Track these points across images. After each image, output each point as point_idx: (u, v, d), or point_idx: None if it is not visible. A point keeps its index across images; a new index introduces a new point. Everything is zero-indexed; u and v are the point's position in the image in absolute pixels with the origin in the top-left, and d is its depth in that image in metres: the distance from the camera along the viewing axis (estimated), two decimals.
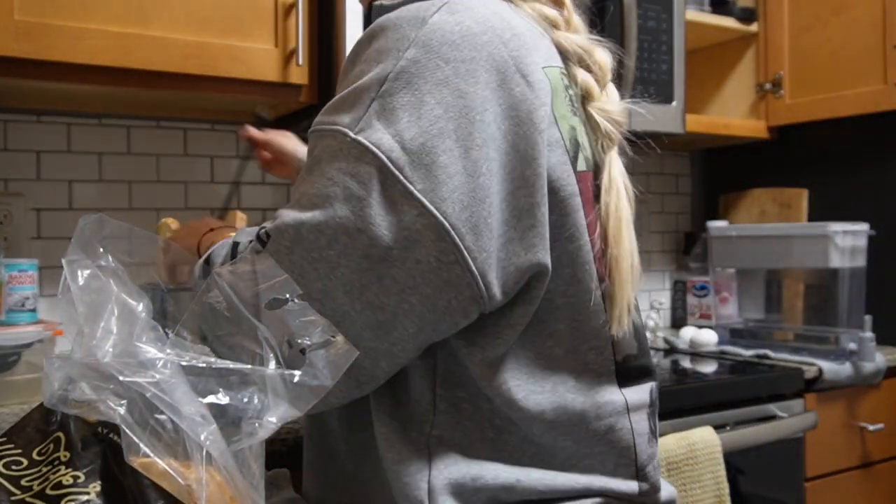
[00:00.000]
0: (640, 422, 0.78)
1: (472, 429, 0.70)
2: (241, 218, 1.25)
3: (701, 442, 1.34)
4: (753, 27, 2.13)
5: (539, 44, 0.72)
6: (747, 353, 1.78)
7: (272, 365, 0.61)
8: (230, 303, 0.68)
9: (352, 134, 0.64)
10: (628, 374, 0.78)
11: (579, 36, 0.78)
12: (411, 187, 0.63)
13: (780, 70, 2.08)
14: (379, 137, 0.63)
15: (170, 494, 0.52)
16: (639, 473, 0.76)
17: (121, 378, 0.54)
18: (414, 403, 0.70)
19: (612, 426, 0.74)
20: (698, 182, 2.44)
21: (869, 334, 1.71)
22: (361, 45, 0.69)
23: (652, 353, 0.85)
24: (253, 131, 1.29)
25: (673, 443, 1.31)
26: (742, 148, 2.26)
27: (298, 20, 1.35)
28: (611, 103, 0.78)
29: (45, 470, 0.57)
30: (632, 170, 0.79)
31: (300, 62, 1.35)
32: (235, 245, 0.74)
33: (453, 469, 0.69)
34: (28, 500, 0.55)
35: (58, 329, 1.24)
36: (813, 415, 1.56)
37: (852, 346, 1.73)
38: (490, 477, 0.69)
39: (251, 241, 0.69)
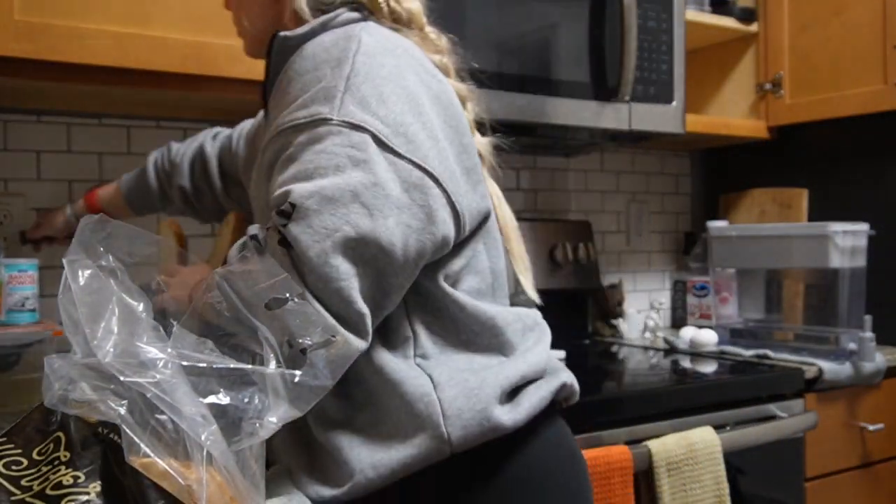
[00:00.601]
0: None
1: (448, 340, 0.84)
2: (240, 219, 1.25)
3: (701, 442, 1.34)
4: (753, 27, 2.13)
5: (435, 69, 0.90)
6: (747, 353, 1.78)
7: (272, 365, 0.61)
8: (231, 304, 0.69)
9: (336, 117, 0.75)
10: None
11: (462, 84, 0.96)
12: (400, 150, 0.76)
13: (780, 70, 2.08)
14: (362, 116, 0.76)
15: (170, 494, 0.52)
16: None
17: (121, 378, 0.54)
18: (394, 333, 0.83)
19: (539, 323, 0.95)
20: (698, 182, 2.44)
21: (869, 334, 1.70)
22: (304, 60, 0.81)
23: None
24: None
25: (673, 443, 1.31)
26: (742, 148, 2.26)
27: None
28: (479, 137, 0.97)
29: (45, 470, 0.57)
30: (632, 169, 0.89)
31: None
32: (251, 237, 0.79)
33: (447, 367, 0.82)
34: (28, 500, 0.55)
35: (58, 329, 1.24)
36: (813, 415, 1.56)
37: (852, 346, 1.73)
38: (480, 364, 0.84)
39: (268, 228, 0.74)
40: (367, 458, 0.79)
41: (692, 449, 1.33)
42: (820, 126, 2.05)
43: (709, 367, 1.68)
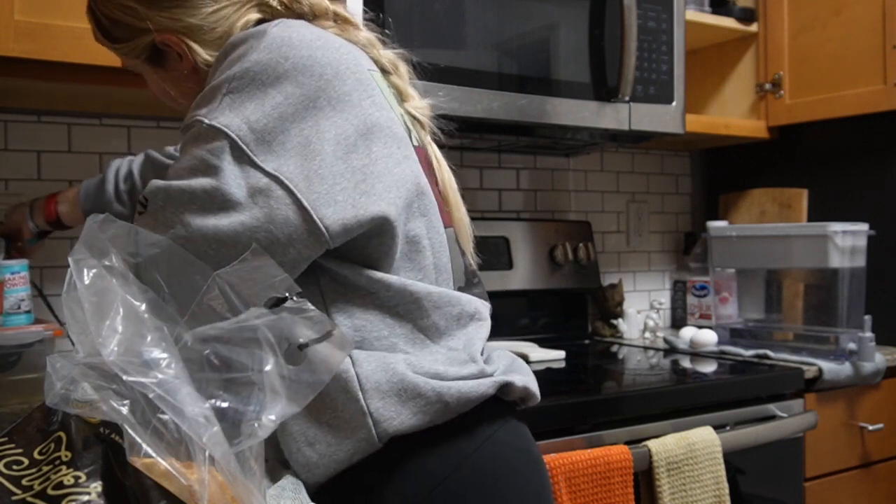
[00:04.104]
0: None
1: (370, 328, 0.84)
2: None
3: (701, 442, 1.34)
4: (753, 27, 2.13)
5: (360, 55, 0.91)
6: (747, 353, 1.78)
7: (270, 361, 0.61)
8: (230, 304, 0.70)
9: (206, 120, 0.80)
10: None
11: (387, 51, 0.97)
12: (256, 158, 0.79)
13: (780, 70, 2.08)
14: (229, 121, 0.79)
15: (172, 494, 0.52)
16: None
17: (124, 378, 0.54)
18: None
19: (478, 310, 0.92)
20: (698, 182, 2.45)
21: (869, 334, 1.71)
22: (218, 59, 0.86)
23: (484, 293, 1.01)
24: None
25: (673, 443, 1.32)
26: (742, 148, 2.26)
27: None
28: (418, 100, 0.99)
29: (45, 469, 0.57)
30: (632, 169, 0.87)
31: None
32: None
33: (371, 364, 0.81)
34: (29, 499, 0.55)
35: (58, 329, 1.24)
36: (813, 415, 1.56)
37: (852, 346, 1.73)
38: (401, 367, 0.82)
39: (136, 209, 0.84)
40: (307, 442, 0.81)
41: (692, 449, 1.33)
42: (820, 126, 2.05)
43: (709, 367, 1.68)
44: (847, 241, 1.75)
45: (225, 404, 0.59)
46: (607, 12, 1.67)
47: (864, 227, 1.78)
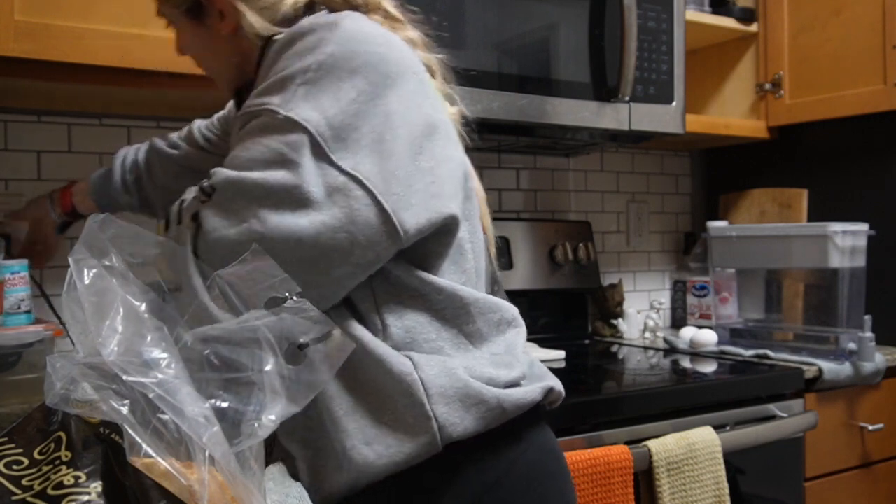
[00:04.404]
0: None
1: (419, 330, 0.83)
2: None
3: (701, 442, 1.34)
4: (753, 27, 2.13)
5: (413, 54, 0.89)
6: (747, 353, 1.78)
7: (270, 361, 0.61)
8: (230, 303, 0.70)
9: (282, 111, 0.77)
10: None
11: (431, 55, 0.95)
12: (333, 156, 0.76)
13: (780, 70, 2.08)
14: (308, 114, 0.77)
15: (172, 494, 0.52)
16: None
17: (124, 377, 0.54)
18: (366, 321, 0.83)
19: (515, 317, 0.92)
20: (698, 182, 2.45)
21: (869, 334, 1.71)
22: (283, 46, 0.82)
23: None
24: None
25: (673, 443, 1.31)
26: (742, 148, 2.26)
27: None
28: (449, 107, 0.96)
29: (46, 469, 0.57)
30: (632, 169, 0.88)
31: None
32: (181, 201, 0.84)
33: (433, 368, 0.80)
34: (29, 499, 0.55)
35: (58, 329, 1.24)
36: (813, 415, 1.56)
37: (852, 346, 1.73)
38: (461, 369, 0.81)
39: (193, 198, 0.80)
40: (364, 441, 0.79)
41: (692, 449, 1.33)
42: (820, 126, 2.05)
43: (709, 367, 1.68)
44: (847, 241, 1.75)
45: (225, 404, 0.59)
46: (607, 12, 1.67)
47: (864, 227, 1.78)
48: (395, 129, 0.80)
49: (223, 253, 0.74)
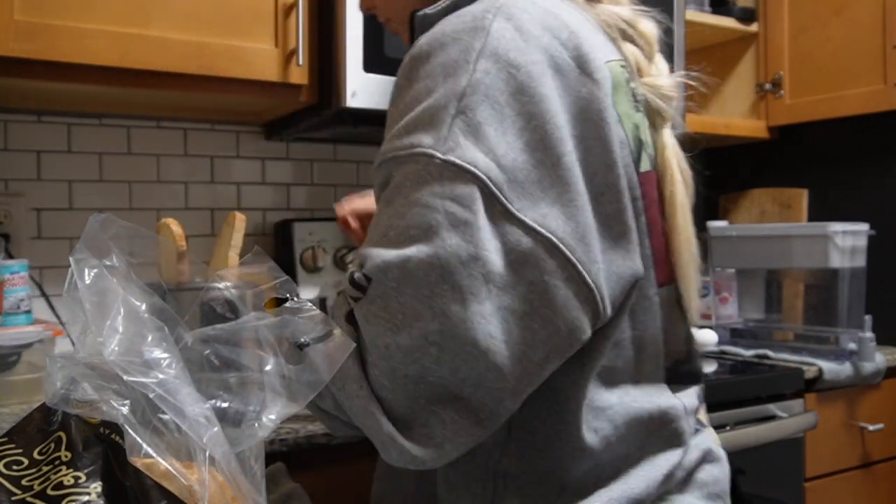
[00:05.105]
0: (692, 424, 0.75)
1: (539, 459, 0.65)
2: (240, 219, 1.25)
3: None
4: (753, 27, 2.13)
5: (595, 38, 0.68)
6: (747, 353, 1.78)
7: (270, 361, 0.61)
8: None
9: (440, 155, 0.58)
10: (678, 378, 0.74)
11: (622, 7, 0.73)
12: (512, 207, 0.58)
13: (780, 70, 2.08)
14: (473, 156, 0.57)
15: (172, 494, 0.52)
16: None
17: (125, 377, 0.54)
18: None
19: (677, 430, 0.70)
20: (698, 182, 2.44)
21: (869, 334, 1.70)
22: (418, 60, 0.63)
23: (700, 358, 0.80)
24: (344, 211, 1.07)
25: None
26: (742, 148, 2.26)
27: (298, 20, 1.35)
28: (661, 77, 0.73)
29: (45, 470, 0.57)
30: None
31: (300, 62, 1.35)
32: (322, 301, 0.69)
33: None
34: (29, 499, 0.55)
35: (58, 329, 1.24)
36: (813, 415, 1.56)
37: (852, 346, 1.73)
38: None
39: (339, 293, 0.63)
40: None
41: None
42: (820, 126, 2.05)
43: (709, 367, 1.68)
44: (847, 241, 1.75)
45: (225, 404, 0.59)
46: None
47: (864, 227, 1.78)
48: (572, 166, 0.61)
49: (394, 365, 0.57)
